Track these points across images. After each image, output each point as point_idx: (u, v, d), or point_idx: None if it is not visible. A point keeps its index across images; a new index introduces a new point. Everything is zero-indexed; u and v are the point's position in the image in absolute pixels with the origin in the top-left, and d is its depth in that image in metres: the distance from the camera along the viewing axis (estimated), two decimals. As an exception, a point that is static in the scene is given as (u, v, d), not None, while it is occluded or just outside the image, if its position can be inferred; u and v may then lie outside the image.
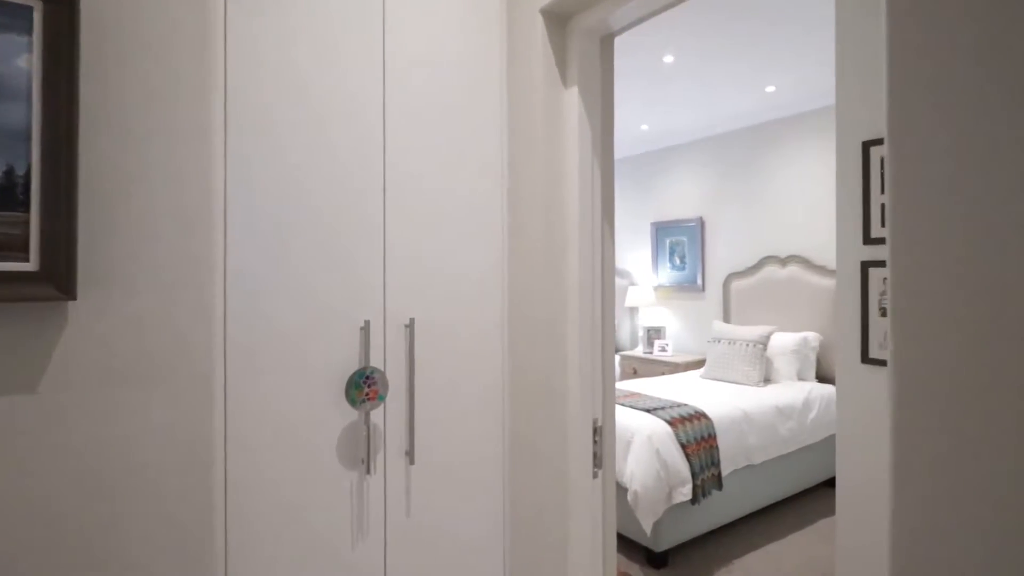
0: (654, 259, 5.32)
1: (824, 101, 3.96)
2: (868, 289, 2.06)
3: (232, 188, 1.06)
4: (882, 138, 2.10)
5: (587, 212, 1.39)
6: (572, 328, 1.38)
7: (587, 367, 1.38)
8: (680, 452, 2.78)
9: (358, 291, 1.21)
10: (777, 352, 3.87)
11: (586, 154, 1.38)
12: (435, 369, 1.31)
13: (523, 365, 1.42)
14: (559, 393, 1.40)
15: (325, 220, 1.17)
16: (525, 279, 1.41)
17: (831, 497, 3.65)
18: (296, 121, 1.13)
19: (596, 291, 1.41)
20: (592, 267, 1.40)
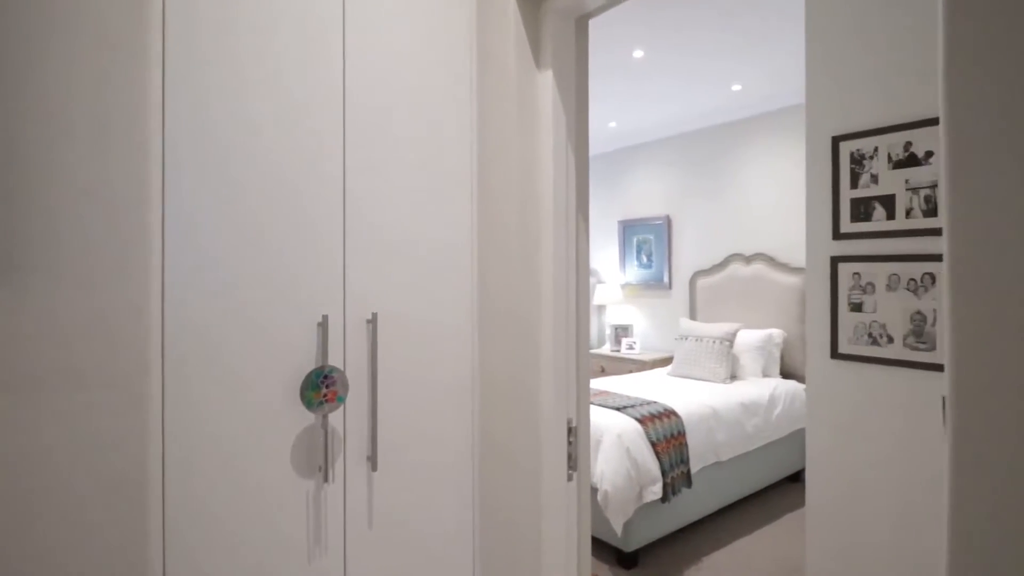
0: (621, 257, 5.32)
1: (789, 100, 4.01)
2: (838, 284, 2.06)
3: (172, 159, 0.95)
4: (851, 133, 2.11)
5: (561, 202, 1.32)
6: (546, 324, 1.31)
7: (561, 365, 1.32)
8: (650, 450, 2.75)
9: (316, 284, 1.11)
10: (743, 349, 3.91)
11: (560, 140, 1.31)
12: (400, 368, 1.22)
13: (494, 363, 1.34)
14: (532, 392, 1.33)
15: (282, 210, 1.07)
16: (497, 272, 1.34)
17: (795, 492, 3.70)
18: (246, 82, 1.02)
19: (571, 285, 1.34)
20: (567, 260, 1.33)
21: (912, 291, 1.86)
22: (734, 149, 4.41)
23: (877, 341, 1.94)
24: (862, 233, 1.98)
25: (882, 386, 1.93)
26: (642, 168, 5.14)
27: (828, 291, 2.08)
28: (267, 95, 1.04)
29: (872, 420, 1.94)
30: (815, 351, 2.13)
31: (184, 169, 0.96)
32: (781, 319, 4.02)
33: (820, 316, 2.11)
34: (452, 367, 1.29)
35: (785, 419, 3.57)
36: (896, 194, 1.91)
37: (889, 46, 1.90)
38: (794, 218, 4.05)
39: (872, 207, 1.96)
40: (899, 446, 1.86)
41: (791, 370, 3.96)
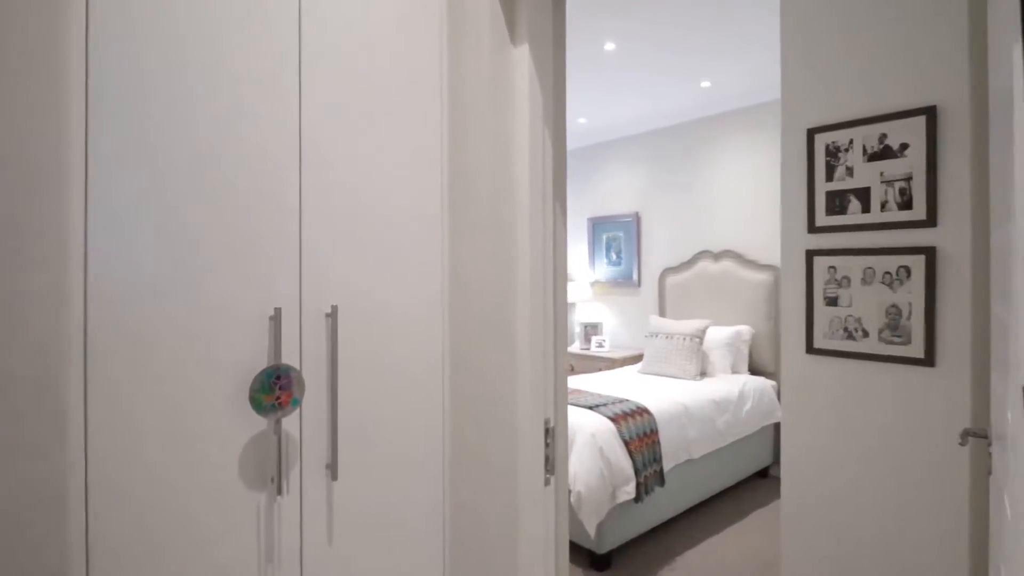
0: (591, 254, 5.28)
1: (757, 98, 4.03)
2: (813, 278, 2.04)
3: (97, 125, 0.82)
4: (827, 125, 2.09)
5: (538, 187, 1.23)
6: (522, 317, 1.22)
7: (539, 361, 1.23)
8: (623, 449, 2.70)
9: (268, 273, 0.99)
10: (712, 346, 3.90)
11: (537, 120, 1.22)
12: (363, 365, 1.11)
13: (467, 359, 1.25)
14: (508, 391, 1.24)
15: (227, 188, 0.95)
16: (469, 262, 1.24)
17: (764, 488, 3.72)
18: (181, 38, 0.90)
19: (548, 277, 1.26)
20: (544, 250, 1.25)
21: (887, 284, 1.85)
22: (703, 146, 4.41)
23: (853, 335, 1.92)
24: (837, 226, 1.96)
25: (859, 381, 1.91)
26: (612, 165, 5.11)
27: (803, 285, 2.05)
28: (204, 58, 0.92)
29: (850, 416, 1.92)
30: (790, 346, 2.10)
31: (108, 133, 0.84)
32: (749, 316, 4.04)
33: (795, 311, 2.08)
34: (422, 366, 1.19)
35: (755, 415, 3.57)
36: (871, 187, 1.89)
37: (867, 38, 1.88)
38: (761, 216, 4.08)
39: (847, 200, 1.94)
40: (879, 442, 1.85)
41: (759, 366, 3.98)
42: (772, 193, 4.00)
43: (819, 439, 2.00)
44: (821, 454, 2.00)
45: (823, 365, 1.99)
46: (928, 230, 1.76)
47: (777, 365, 3.93)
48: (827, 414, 1.98)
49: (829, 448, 1.97)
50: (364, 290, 1.11)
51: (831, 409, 1.97)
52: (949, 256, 1.72)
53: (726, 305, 4.17)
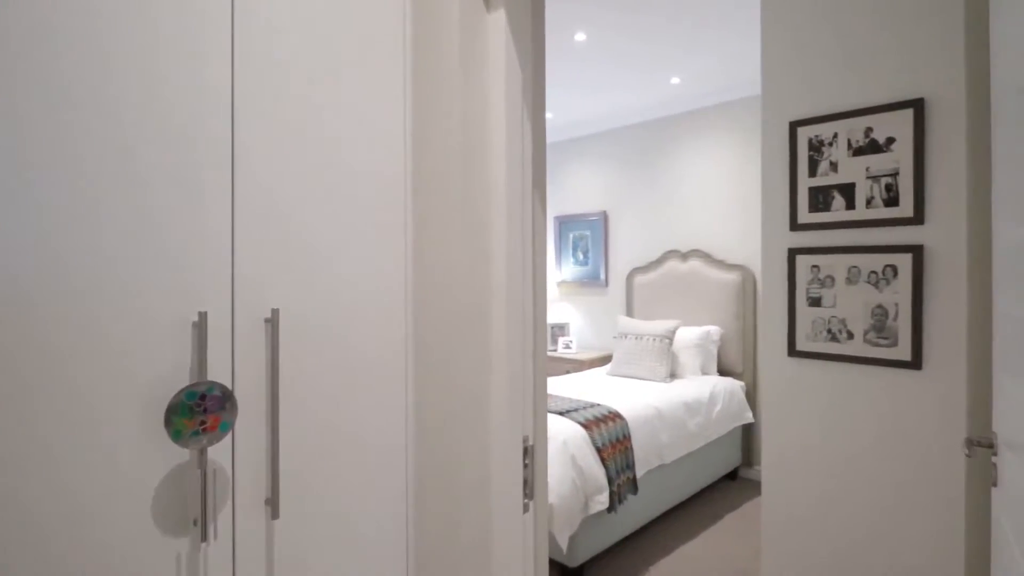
0: (557, 254, 5.17)
1: (728, 95, 3.98)
2: (795, 278, 1.95)
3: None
4: (810, 118, 2.01)
5: (516, 173, 1.08)
6: (498, 321, 1.07)
7: (517, 370, 1.08)
8: (596, 457, 2.58)
9: (191, 267, 0.81)
10: (681, 347, 3.84)
11: (515, 97, 1.07)
12: (311, 380, 0.94)
13: (435, 371, 1.09)
14: (482, 405, 1.08)
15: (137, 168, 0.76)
16: (436, 258, 1.08)
17: (735, 490, 3.67)
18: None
19: (527, 273, 1.11)
20: (522, 243, 1.10)
21: (873, 284, 1.78)
22: (672, 144, 4.35)
23: (837, 337, 1.85)
24: (821, 224, 1.88)
25: (843, 385, 1.84)
26: (579, 163, 5.01)
27: (785, 285, 1.97)
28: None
29: (834, 421, 1.84)
30: (770, 349, 2.02)
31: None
32: (717, 316, 4.00)
33: (776, 311, 2.00)
34: (381, 378, 1.03)
35: (725, 417, 3.52)
36: (856, 182, 1.82)
37: (852, 27, 1.81)
38: (730, 215, 4.04)
39: (831, 196, 1.87)
40: (864, 448, 1.78)
41: (727, 367, 3.94)
42: (741, 192, 3.96)
43: (802, 445, 1.92)
44: (804, 461, 1.91)
45: (806, 368, 1.91)
46: (915, 227, 1.70)
47: (745, 365, 3.90)
48: (810, 419, 1.90)
49: (812, 455, 1.89)
50: (312, 291, 0.94)
51: (814, 414, 1.89)
52: (938, 254, 1.65)
53: (694, 305, 4.12)
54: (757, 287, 3.91)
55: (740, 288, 3.90)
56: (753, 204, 3.91)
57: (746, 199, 3.95)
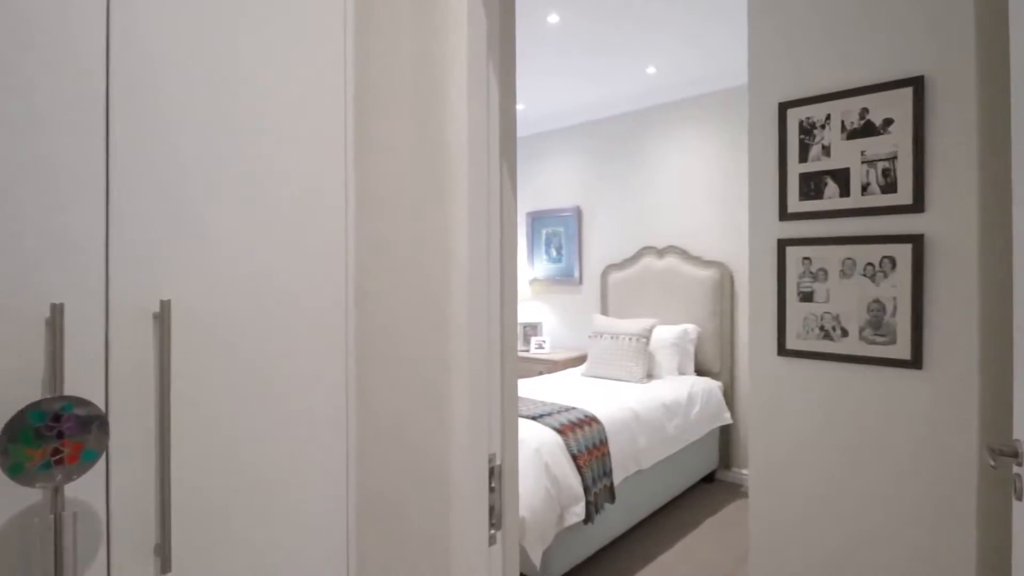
0: (530, 250, 5.00)
1: (706, 87, 3.87)
2: (785, 271, 1.82)
3: None
4: (800, 99, 1.88)
5: (481, 139, 0.90)
6: (458, 317, 0.89)
7: (481, 377, 0.90)
8: (571, 464, 2.41)
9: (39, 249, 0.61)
10: (658, 346, 3.71)
11: (478, 49, 0.89)
12: (216, 392, 0.74)
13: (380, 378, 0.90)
14: (438, 418, 0.90)
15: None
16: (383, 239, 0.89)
17: (712, 493, 3.55)
18: None
19: (494, 260, 0.93)
20: (488, 223, 0.92)
21: (869, 277, 1.65)
22: (647, 138, 4.23)
23: (830, 335, 1.72)
24: (813, 213, 1.75)
25: (837, 386, 1.71)
26: (552, 157, 4.85)
27: (774, 279, 1.83)
28: None
29: (828, 425, 1.71)
30: (759, 348, 1.88)
31: None
32: (694, 314, 3.88)
33: (765, 308, 1.86)
34: (310, 388, 0.83)
35: (703, 418, 3.40)
36: (851, 168, 1.69)
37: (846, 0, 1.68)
38: (706, 211, 3.93)
39: (824, 183, 1.73)
40: (860, 453, 1.65)
41: (704, 366, 3.83)
42: (718, 187, 3.86)
43: (792, 450, 1.78)
44: (795, 467, 1.78)
45: (797, 368, 1.78)
46: (915, 216, 1.57)
47: (723, 365, 3.79)
48: (802, 423, 1.77)
49: (804, 460, 1.76)
50: (218, 280, 0.74)
51: (806, 417, 1.76)
52: (940, 245, 1.53)
53: (670, 303, 4.00)
54: (735, 284, 3.81)
55: (717, 285, 3.79)
56: (731, 199, 3.81)
57: (723, 195, 3.84)
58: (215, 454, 0.73)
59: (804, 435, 1.76)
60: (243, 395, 0.76)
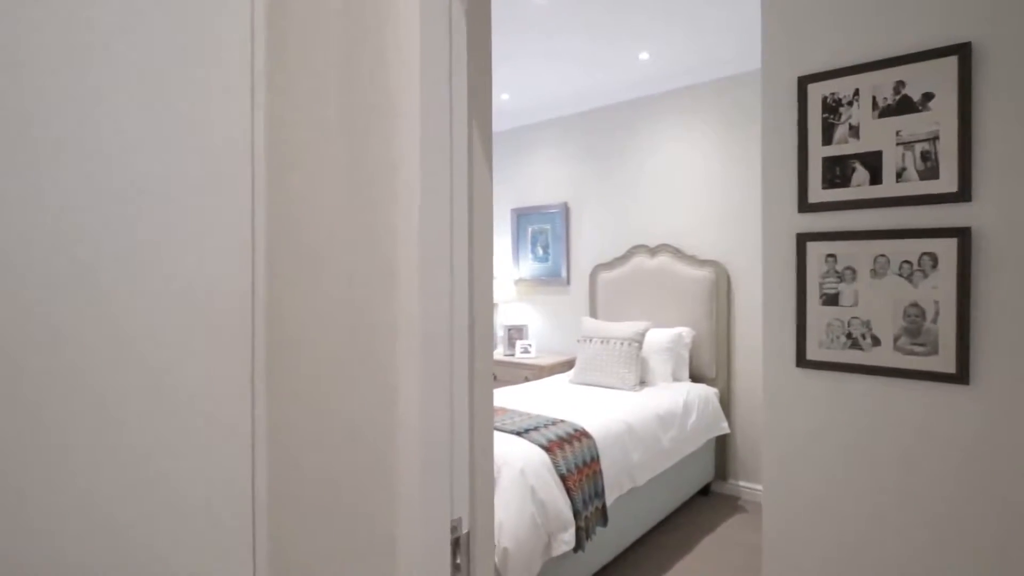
0: (515, 250, 4.75)
1: (700, 76, 3.65)
2: (806, 270, 1.59)
3: None
4: (824, 72, 1.64)
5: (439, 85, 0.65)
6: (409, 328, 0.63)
7: (442, 410, 0.65)
8: (560, 486, 2.17)
9: None
10: (651, 351, 3.48)
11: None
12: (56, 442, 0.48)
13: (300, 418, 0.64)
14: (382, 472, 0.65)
15: None
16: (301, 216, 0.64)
17: (708, 508, 3.33)
18: None
19: (458, 250, 0.68)
20: (450, 201, 0.66)
21: (906, 277, 1.43)
22: (639, 130, 4.00)
23: (859, 343, 1.49)
24: (838, 203, 1.53)
25: (867, 403, 1.48)
26: (538, 150, 4.61)
27: (793, 279, 1.60)
28: None
29: (856, 449, 1.48)
30: (774, 358, 1.65)
31: None
32: (687, 316, 3.66)
33: (781, 312, 1.63)
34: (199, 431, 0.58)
35: (700, 428, 3.18)
36: (883, 150, 1.46)
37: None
38: (701, 207, 3.71)
39: (851, 168, 1.51)
40: (896, 483, 1.42)
41: (698, 372, 3.61)
42: (714, 183, 3.64)
43: (813, 480, 1.55)
44: (816, 500, 1.55)
45: (819, 382, 1.55)
46: (961, 206, 1.35)
47: (719, 370, 3.57)
48: (825, 447, 1.54)
49: (827, 492, 1.53)
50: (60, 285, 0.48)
51: (831, 441, 1.53)
52: (990, 239, 1.31)
53: (663, 305, 3.78)
54: (731, 284, 3.59)
55: (713, 286, 3.58)
56: (727, 195, 3.59)
57: (720, 190, 3.63)
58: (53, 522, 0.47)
59: (828, 462, 1.53)
60: (105, 444, 0.50)
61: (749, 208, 3.50)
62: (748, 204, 3.50)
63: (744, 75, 3.49)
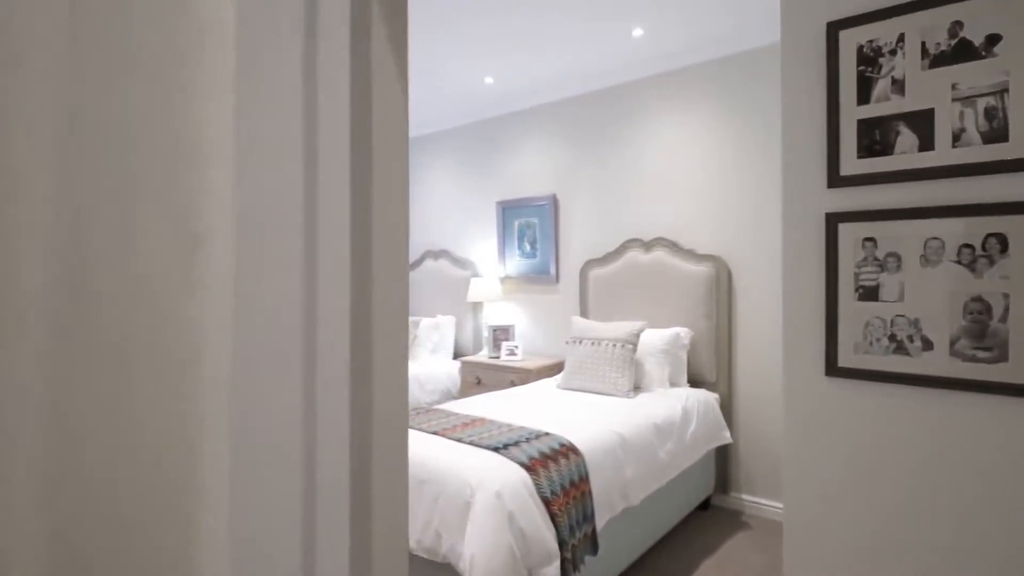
0: (501, 245, 4.46)
1: (699, 55, 3.37)
2: (838, 258, 1.31)
3: None
4: (859, 15, 1.32)
5: None
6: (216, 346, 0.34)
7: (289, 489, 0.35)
8: (543, 512, 1.88)
9: None
10: (647, 353, 3.20)
11: None
12: None
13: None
14: None
15: None
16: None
17: (708, 525, 3.05)
18: None
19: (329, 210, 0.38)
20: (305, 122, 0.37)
21: (966, 265, 1.15)
22: (632, 116, 3.73)
23: (905, 347, 1.21)
24: (878, 175, 1.25)
25: (917, 422, 1.21)
26: (524, 139, 4.32)
27: (821, 269, 1.33)
28: None
29: (902, 480, 1.20)
30: (798, 366, 1.37)
31: None
32: (685, 316, 3.39)
33: (806, 310, 1.35)
34: None
35: (700, 438, 2.90)
36: (936, 108, 1.18)
37: None
38: (700, 198, 3.44)
39: (895, 131, 1.23)
40: (960, 528, 1.14)
41: (698, 376, 3.34)
42: (714, 170, 3.37)
43: (848, 516, 1.27)
44: (853, 542, 1.27)
45: (854, 395, 1.27)
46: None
47: (719, 374, 3.30)
48: (859, 475, 1.26)
49: (866, 531, 1.25)
50: None
51: (865, 468, 1.25)
52: (1080, 215, 1.03)
53: (659, 303, 3.50)
54: (733, 280, 3.32)
55: (713, 282, 3.30)
56: (728, 184, 3.32)
57: (720, 179, 3.35)
58: None
59: (866, 492, 1.25)
60: None
61: (752, 197, 3.22)
62: (751, 193, 3.23)
63: (747, 53, 3.21)
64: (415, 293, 5.08)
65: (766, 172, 3.15)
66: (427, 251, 5.02)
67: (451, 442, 2.16)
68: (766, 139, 3.13)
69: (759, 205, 3.19)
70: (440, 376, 4.22)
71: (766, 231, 3.15)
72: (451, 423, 2.39)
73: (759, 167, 3.18)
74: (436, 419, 2.48)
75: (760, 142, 3.17)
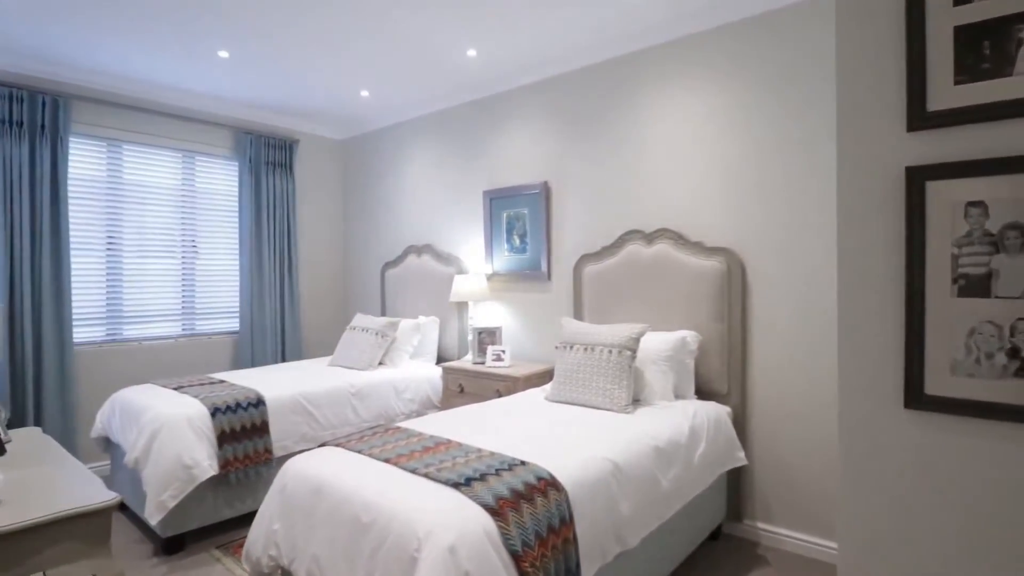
0: (488, 239, 4.05)
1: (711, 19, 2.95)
2: (925, 233, 0.90)
3: None
4: None
5: None
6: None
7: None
8: (511, 570, 1.47)
9: None
10: (648, 360, 2.78)
11: None
12: None
13: None
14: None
15: None
16: None
17: (718, 558, 2.63)
18: None
19: None
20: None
21: None
22: (632, 93, 3.31)
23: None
24: (989, 107, 0.83)
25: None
26: (513, 123, 3.92)
27: (900, 249, 0.91)
28: None
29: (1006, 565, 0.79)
30: (861, 391, 0.95)
31: None
32: (693, 317, 2.97)
33: (874, 311, 0.94)
34: None
35: (710, 460, 2.48)
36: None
37: None
38: (708, 183, 3.02)
39: (1017, 41, 0.83)
40: None
41: (706, 386, 2.92)
42: (725, 151, 2.94)
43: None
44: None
45: (951, 435, 0.85)
46: None
47: (732, 383, 2.88)
48: (959, 551, 0.84)
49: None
50: None
51: (970, 540, 0.83)
52: None
53: (663, 303, 3.09)
54: (747, 276, 2.90)
55: (724, 279, 2.88)
56: (741, 167, 2.90)
57: (732, 161, 2.93)
58: None
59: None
60: None
61: (770, 179, 2.80)
62: (770, 175, 2.80)
63: (770, 14, 2.79)
64: (396, 292, 4.68)
65: (790, 150, 2.72)
66: (410, 246, 4.62)
67: (405, 473, 1.75)
68: (790, 111, 2.70)
69: (778, 188, 2.77)
70: (420, 383, 3.82)
71: (787, 217, 2.73)
72: (410, 447, 1.98)
73: (781, 144, 2.76)
74: (394, 441, 2.07)
75: (781, 114, 2.75)
